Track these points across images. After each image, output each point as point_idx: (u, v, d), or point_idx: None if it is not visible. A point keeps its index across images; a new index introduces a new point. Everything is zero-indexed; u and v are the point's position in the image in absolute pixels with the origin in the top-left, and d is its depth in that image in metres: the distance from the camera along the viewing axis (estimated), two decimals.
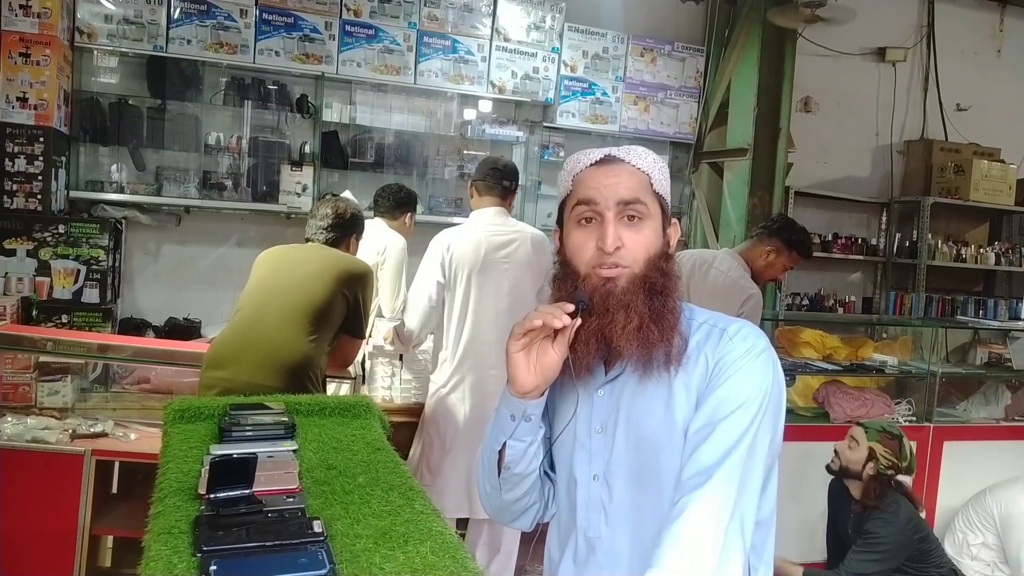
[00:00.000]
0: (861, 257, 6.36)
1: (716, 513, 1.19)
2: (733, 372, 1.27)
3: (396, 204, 4.03)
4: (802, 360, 4.52)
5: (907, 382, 4.74)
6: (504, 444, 1.37)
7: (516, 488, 1.41)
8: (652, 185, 1.34)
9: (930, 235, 6.22)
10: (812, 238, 6.07)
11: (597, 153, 1.37)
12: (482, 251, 3.20)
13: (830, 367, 4.47)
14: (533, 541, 1.43)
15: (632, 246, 1.30)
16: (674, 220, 1.40)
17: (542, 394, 1.33)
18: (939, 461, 4.29)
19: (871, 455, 3.33)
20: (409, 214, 4.06)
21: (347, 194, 3.73)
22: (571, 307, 1.26)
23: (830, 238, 6.22)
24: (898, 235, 6.39)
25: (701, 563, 1.16)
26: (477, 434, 3.10)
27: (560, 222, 1.40)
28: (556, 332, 1.27)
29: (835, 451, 3.45)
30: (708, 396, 1.28)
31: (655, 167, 1.35)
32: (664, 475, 1.30)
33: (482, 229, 3.26)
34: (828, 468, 3.45)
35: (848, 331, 5.45)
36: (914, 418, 4.35)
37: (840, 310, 6.23)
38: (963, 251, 6.39)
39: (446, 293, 3.23)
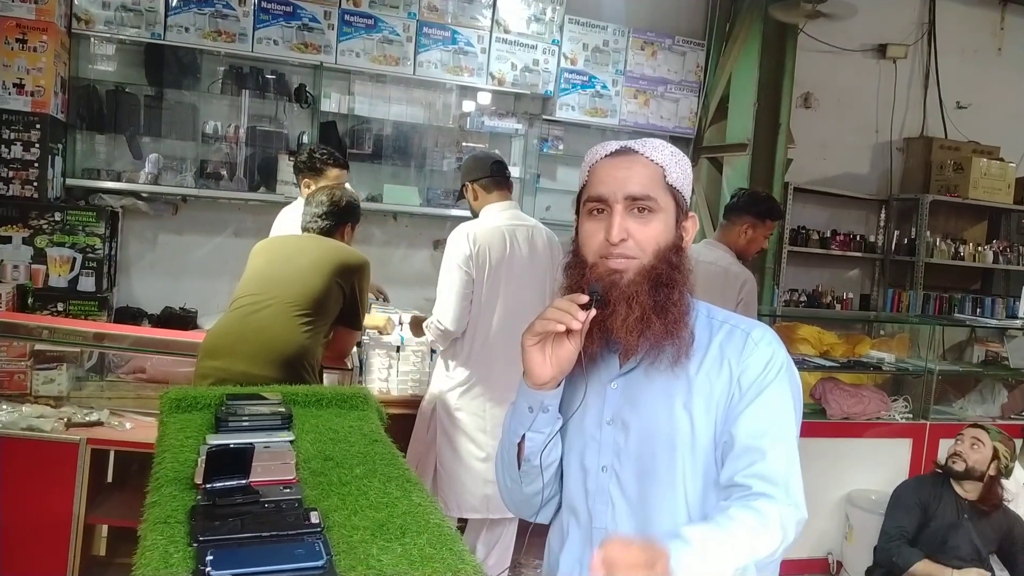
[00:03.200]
0: (859, 254, 6.36)
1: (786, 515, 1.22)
2: (762, 389, 1.30)
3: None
4: (799, 356, 4.51)
5: (904, 379, 4.74)
6: (523, 437, 1.37)
7: (536, 481, 1.41)
8: (666, 178, 1.34)
9: (928, 233, 6.22)
10: (811, 233, 6.11)
11: (614, 144, 1.37)
12: (508, 244, 3.16)
13: (827, 363, 4.46)
14: (527, 535, 1.42)
15: (640, 238, 1.30)
16: (692, 214, 1.40)
17: (558, 385, 1.34)
18: (935, 459, 4.28)
19: (995, 455, 3.45)
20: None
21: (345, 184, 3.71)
22: (585, 298, 1.26)
23: (828, 235, 6.22)
24: (896, 232, 6.38)
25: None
26: (495, 434, 3.05)
27: (578, 211, 1.41)
28: None
29: (956, 453, 3.50)
30: (739, 415, 1.29)
31: (671, 160, 1.35)
32: (675, 472, 1.31)
33: (504, 222, 3.21)
34: (950, 470, 3.50)
35: (845, 328, 5.44)
36: (911, 415, 4.34)
37: (838, 307, 6.23)
38: (961, 249, 6.40)
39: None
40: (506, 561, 3.34)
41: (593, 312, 1.26)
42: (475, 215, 3.29)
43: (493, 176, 3.25)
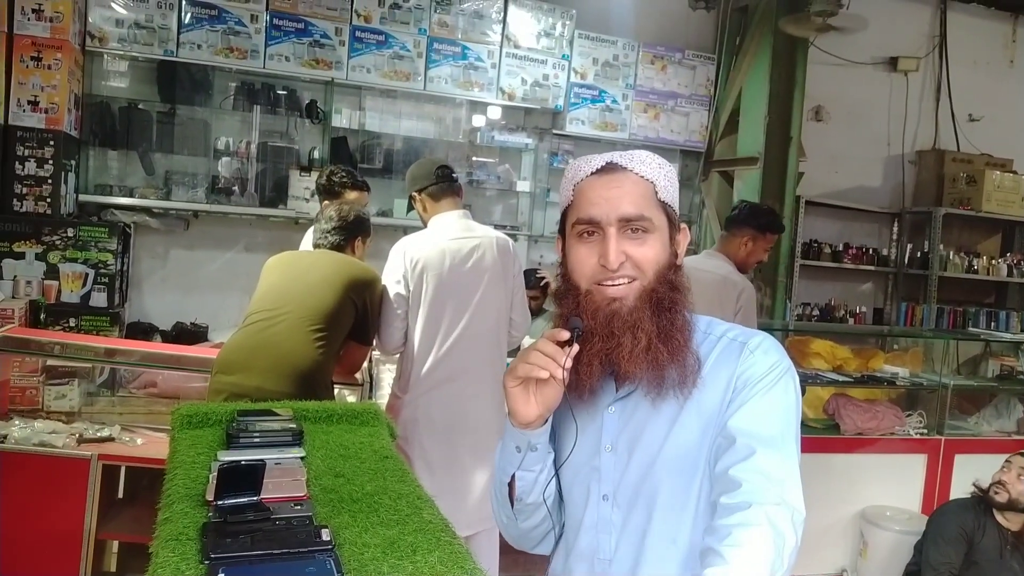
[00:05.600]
0: (872, 267, 6.33)
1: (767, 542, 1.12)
2: (759, 391, 1.23)
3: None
4: (812, 371, 4.48)
5: (918, 394, 4.69)
6: (513, 476, 1.34)
7: (532, 517, 1.38)
8: (657, 194, 1.28)
9: (942, 246, 6.19)
10: (823, 246, 6.08)
11: (598, 160, 1.29)
12: (447, 262, 2.94)
13: (840, 378, 4.43)
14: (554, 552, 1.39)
15: (638, 258, 1.25)
16: (683, 225, 1.34)
17: (545, 422, 1.29)
18: (950, 474, 4.24)
19: None
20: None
21: None
22: (566, 335, 1.22)
23: (841, 248, 6.20)
24: (909, 246, 6.35)
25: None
26: (448, 452, 2.95)
27: (562, 230, 1.35)
28: None
29: (1000, 482, 3.38)
30: (734, 412, 1.23)
31: (660, 173, 1.29)
32: (678, 498, 1.26)
33: (447, 237, 2.98)
34: (992, 500, 3.39)
35: (859, 342, 5.41)
36: (925, 431, 4.30)
37: (851, 321, 6.19)
38: (975, 262, 6.36)
39: (410, 305, 2.97)
40: None
41: (576, 348, 1.22)
42: (426, 226, 3.10)
43: (439, 183, 3.04)
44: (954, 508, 3.56)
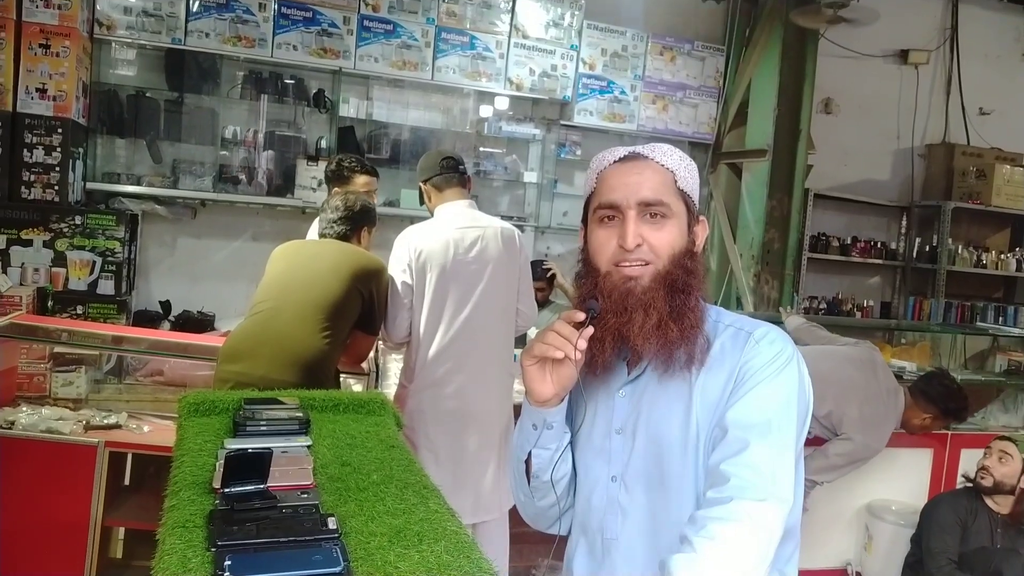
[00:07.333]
0: (880, 261, 6.30)
1: (745, 539, 1.15)
2: (760, 380, 1.25)
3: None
4: None
5: None
6: (530, 453, 1.37)
7: (549, 495, 1.40)
8: (677, 183, 1.32)
9: (950, 240, 6.16)
10: (831, 240, 6.05)
11: (622, 150, 1.36)
12: (451, 252, 2.95)
13: None
14: (555, 541, 1.40)
15: (655, 243, 1.29)
16: (702, 218, 1.38)
17: (562, 400, 1.32)
18: (956, 469, 4.23)
19: None
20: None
21: None
22: (581, 316, 1.26)
23: (849, 242, 6.17)
24: (918, 240, 6.32)
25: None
26: (453, 442, 2.95)
27: (585, 219, 1.40)
28: None
29: (984, 467, 3.44)
30: (733, 403, 1.25)
31: (681, 164, 1.34)
32: (682, 479, 1.29)
33: (452, 227, 3.00)
34: (979, 486, 3.43)
35: (866, 336, 5.39)
36: None
37: (858, 315, 6.17)
38: (984, 257, 6.33)
39: (414, 294, 2.99)
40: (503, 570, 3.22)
41: (591, 330, 1.25)
42: (433, 216, 3.12)
43: (443, 174, 3.07)
44: (947, 498, 3.61)
